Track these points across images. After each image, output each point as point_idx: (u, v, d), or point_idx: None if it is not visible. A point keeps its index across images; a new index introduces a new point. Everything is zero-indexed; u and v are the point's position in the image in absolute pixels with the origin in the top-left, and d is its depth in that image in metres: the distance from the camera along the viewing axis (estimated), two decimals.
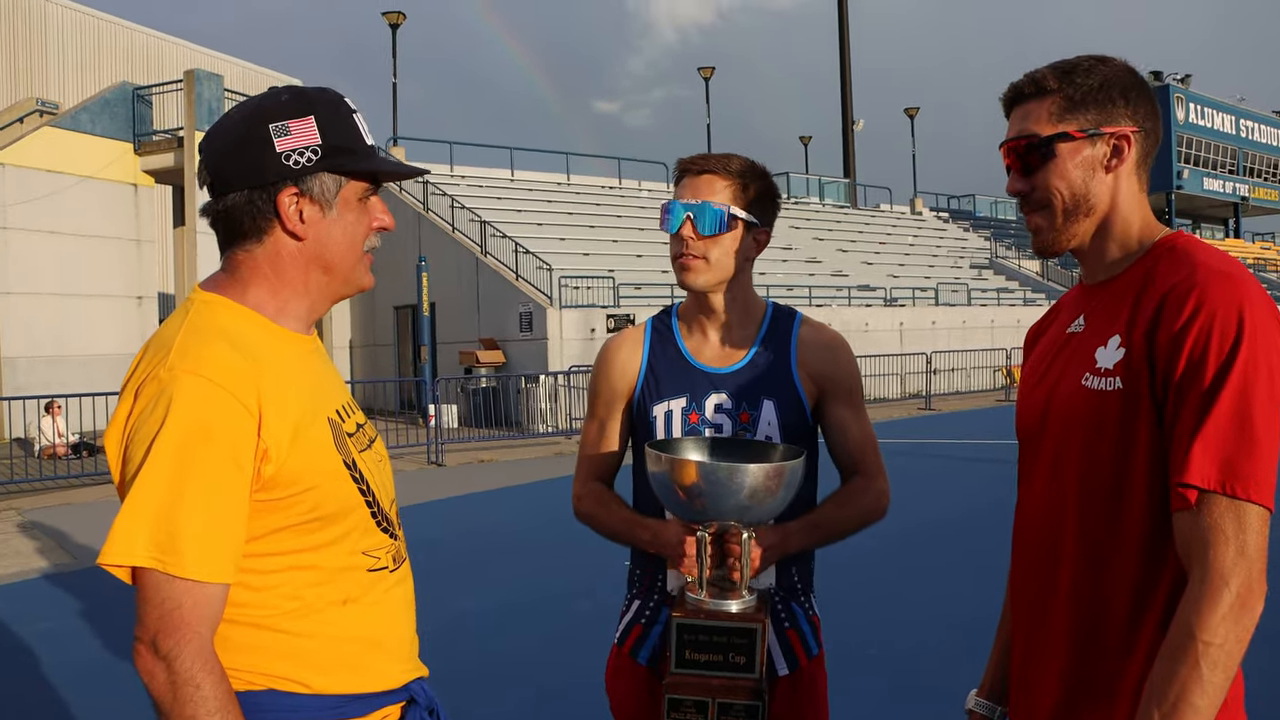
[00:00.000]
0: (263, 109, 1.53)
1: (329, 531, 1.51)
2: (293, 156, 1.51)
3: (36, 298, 19.51)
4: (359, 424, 1.65)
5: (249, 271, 1.55)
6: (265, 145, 1.50)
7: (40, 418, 15.97)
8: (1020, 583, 1.70)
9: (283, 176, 1.51)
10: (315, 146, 1.51)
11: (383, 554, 1.60)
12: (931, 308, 28.34)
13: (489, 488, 12.15)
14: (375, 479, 1.61)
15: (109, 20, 27.88)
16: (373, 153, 1.59)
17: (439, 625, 6.09)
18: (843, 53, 43.11)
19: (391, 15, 30.32)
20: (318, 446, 1.50)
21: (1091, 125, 1.58)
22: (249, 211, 1.52)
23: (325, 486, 1.49)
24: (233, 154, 1.52)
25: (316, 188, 1.53)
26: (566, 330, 20.23)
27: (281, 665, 1.47)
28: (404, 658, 1.62)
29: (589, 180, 31.75)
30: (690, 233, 2.09)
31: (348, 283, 1.63)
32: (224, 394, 1.39)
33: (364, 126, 1.60)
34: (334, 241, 1.57)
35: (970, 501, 9.90)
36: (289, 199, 1.52)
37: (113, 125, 21.21)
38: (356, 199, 1.58)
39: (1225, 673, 1.36)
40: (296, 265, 1.56)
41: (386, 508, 1.63)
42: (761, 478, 1.81)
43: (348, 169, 1.55)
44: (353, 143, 1.56)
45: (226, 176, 1.52)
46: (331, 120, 1.54)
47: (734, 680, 1.84)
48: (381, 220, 1.63)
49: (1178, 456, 1.43)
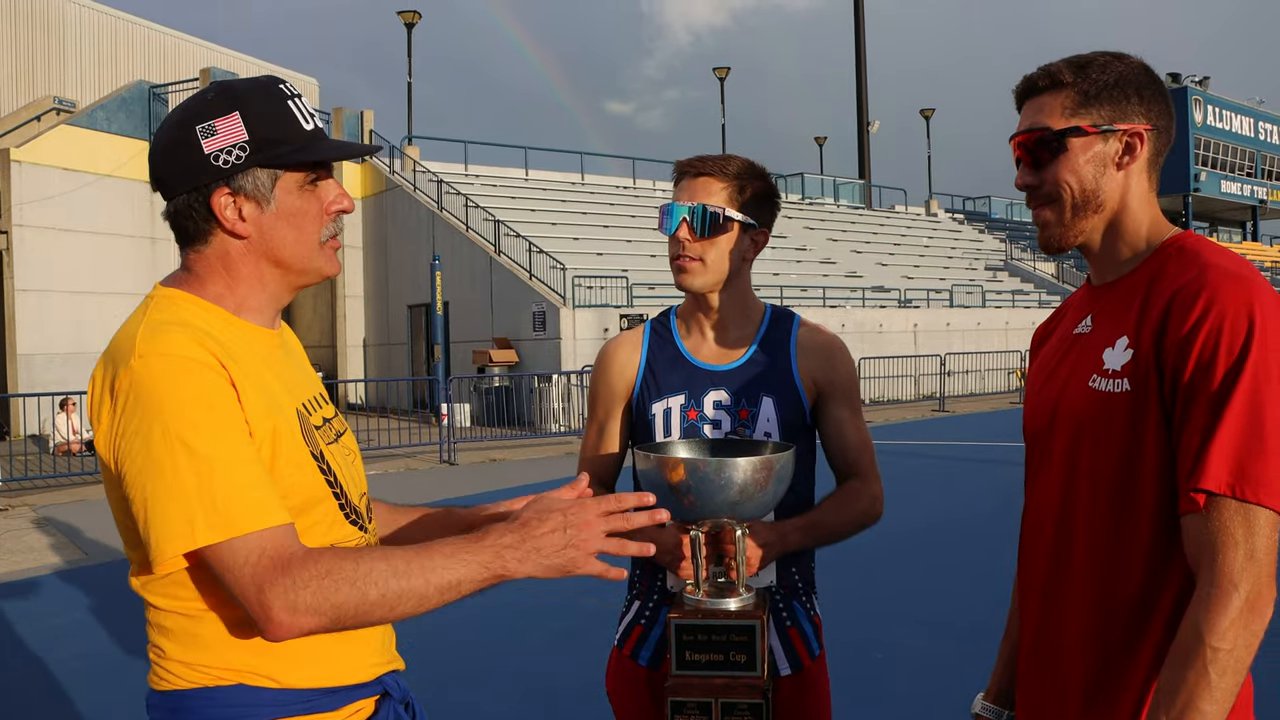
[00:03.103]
0: (190, 110, 1.51)
1: (296, 523, 1.48)
2: (221, 156, 1.48)
3: (52, 295, 19.63)
4: (326, 418, 1.64)
5: (204, 270, 1.54)
6: (193, 148, 1.48)
7: (55, 415, 16.07)
8: (1027, 585, 1.69)
9: (214, 177, 1.48)
10: (242, 143, 1.48)
11: (352, 547, 1.57)
12: (946, 309, 28.25)
13: (501, 487, 12.15)
14: (344, 471, 1.59)
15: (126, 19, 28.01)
16: (312, 137, 1.54)
17: (446, 624, 6.09)
18: (858, 54, 43.04)
19: (407, 14, 30.41)
20: (286, 436, 1.48)
21: (1105, 121, 1.57)
22: (190, 216, 1.51)
23: (293, 477, 1.48)
24: (167, 159, 1.50)
25: (249, 184, 1.50)
26: (580, 330, 20.23)
27: (249, 660, 1.45)
28: (376, 650, 1.60)
29: (603, 180, 31.78)
30: (686, 234, 2.10)
31: (305, 273, 1.58)
32: (198, 364, 1.38)
33: (303, 111, 1.55)
34: (279, 234, 1.53)
35: (981, 503, 9.86)
36: (223, 199, 1.49)
37: (129, 124, 21.33)
38: (297, 188, 1.54)
39: (1234, 678, 1.35)
40: (246, 262, 1.54)
41: (356, 500, 1.61)
42: (750, 471, 1.81)
43: (280, 161, 1.51)
44: (284, 133, 1.51)
45: (166, 181, 1.51)
46: (259, 113, 1.50)
47: (736, 679, 1.83)
48: (338, 203, 1.58)
49: (1186, 459, 1.41)
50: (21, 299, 19.29)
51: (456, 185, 25.08)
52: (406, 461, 15.03)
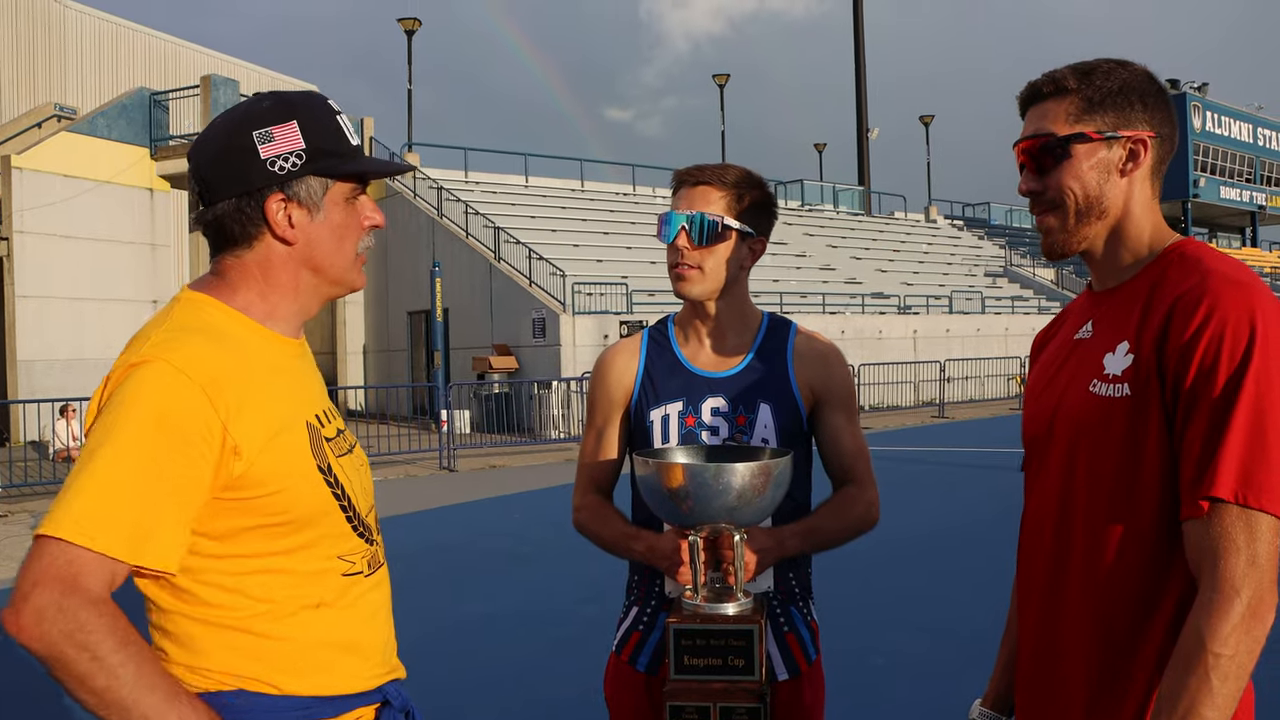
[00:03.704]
0: (247, 116, 1.54)
1: (300, 536, 1.50)
2: (278, 162, 1.51)
3: (52, 301, 19.65)
4: (339, 430, 1.65)
5: (238, 275, 1.56)
6: (250, 153, 1.51)
7: (55, 421, 16.07)
8: (1026, 590, 1.69)
9: (269, 182, 1.51)
10: (300, 151, 1.52)
11: (358, 559, 1.59)
12: (945, 315, 28.27)
13: (501, 493, 12.16)
14: (352, 484, 1.60)
15: (127, 26, 28.04)
16: (358, 153, 1.60)
17: (448, 630, 6.09)
18: (858, 61, 43.10)
19: (407, 22, 30.45)
20: (293, 450, 1.50)
21: (1109, 128, 1.57)
22: (238, 219, 1.53)
23: (296, 489, 1.49)
24: (219, 163, 1.53)
25: (303, 192, 1.54)
26: (580, 336, 20.25)
27: (251, 666, 1.46)
28: (378, 661, 1.61)
29: (603, 187, 31.81)
30: (685, 243, 2.12)
31: (338, 283, 1.62)
32: (185, 381, 1.38)
33: (348, 127, 1.60)
34: (323, 243, 1.57)
35: (982, 509, 9.85)
36: (276, 205, 1.52)
37: (129, 130, 21.36)
38: (344, 200, 1.58)
39: (1236, 684, 1.34)
40: (286, 269, 1.57)
41: (364, 513, 1.62)
42: (748, 476, 1.81)
43: (333, 171, 1.55)
44: (337, 145, 1.56)
45: (214, 185, 1.53)
46: (314, 124, 1.54)
47: (735, 683, 1.83)
48: (372, 219, 1.63)
49: (1188, 465, 1.41)
50: (22, 305, 19.30)
51: (456, 192, 25.11)
52: (406, 468, 15.03)
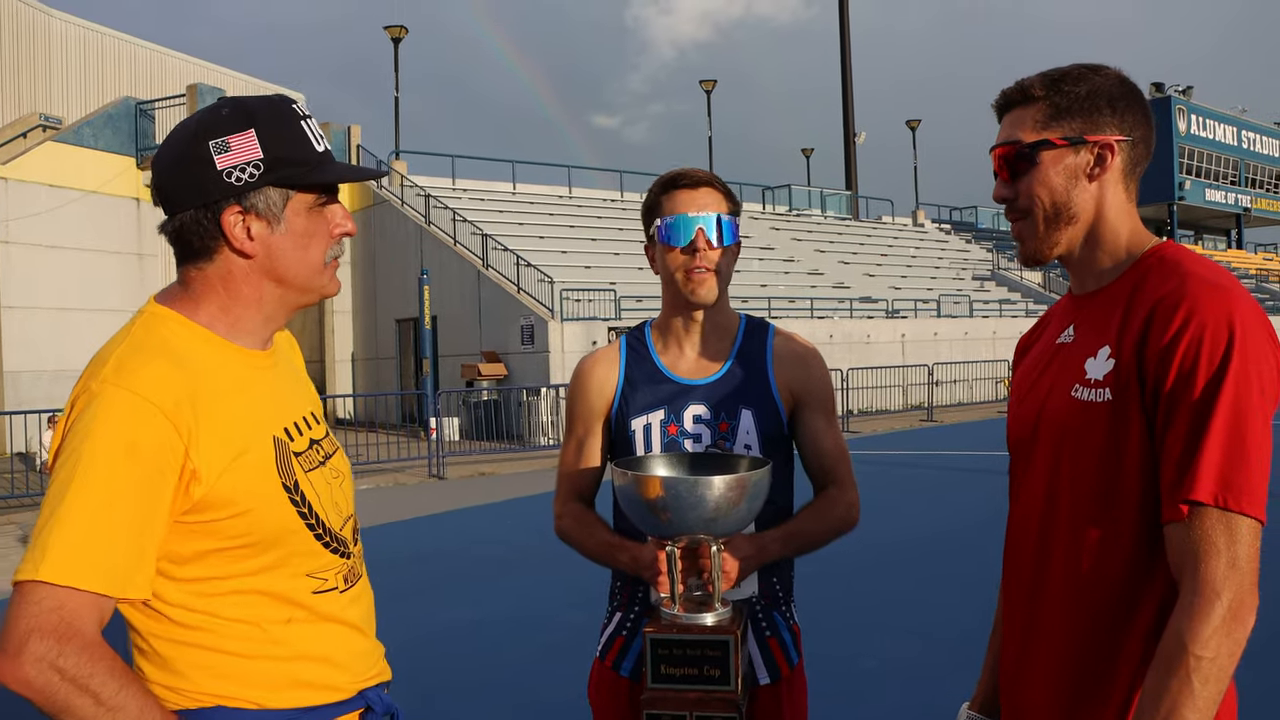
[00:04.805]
0: (204, 125, 1.47)
1: (265, 557, 1.47)
2: (234, 173, 1.45)
3: (38, 312, 19.55)
4: (315, 439, 1.61)
5: (201, 288, 1.52)
6: (206, 164, 1.45)
7: (42, 432, 15.96)
8: (1012, 593, 1.69)
9: (225, 195, 1.46)
10: (257, 161, 1.46)
11: (331, 575, 1.56)
12: (933, 319, 28.33)
13: (490, 500, 12.14)
14: (322, 500, 1.56)
15: (112, 35, 27.93)
16: (323, 159, 1.53)
17: (437, 637, 6.08)
18: (844, 66, 43.19)
19: (394, 29, 30.41)
20: (255, 470, 1.46)
21: (1075, 133, 1.58)
22: (196, 231, 1.48)
23: (258, 511, 1.45)
24: (176, 174, 1.47)
25: (261, 203, 1.48)
26: (568, 343, 20.23)
27: (228, 685, 1.45)
28: (359, 669, 1.59)
29: (590, 193, 31.79)
30: (705, 244, 2.08)
31: (307, 292, 1.57)
32: (150, 408, 1.36)
33: (314, 132, 1.53)
34: (285, 255, 1.51)
35: (970, 513, 9.85)
36: (233, 217, 1.47)
37: (115, 140, 21.29)
38: (306, 210, 1.52)
39: (1217, 686, 1.35)
40: (249, 281, 1.52)
41: (337, 527, 1.58)
42: (723, 489, 1.81)
43: (293, 181, 1.49)
44: (298, 153, 1.50)
45: (172, 197, 1.48)
46: (274, 132, 1.48)
47: (710, 693, 1.83)
48: (343, 226, 1.57)
49: (1169, 469, 1.42)
50: (8, 315, 19.21)
51: (444, 199, 25.08)
52: (395, 476, 14.99)
